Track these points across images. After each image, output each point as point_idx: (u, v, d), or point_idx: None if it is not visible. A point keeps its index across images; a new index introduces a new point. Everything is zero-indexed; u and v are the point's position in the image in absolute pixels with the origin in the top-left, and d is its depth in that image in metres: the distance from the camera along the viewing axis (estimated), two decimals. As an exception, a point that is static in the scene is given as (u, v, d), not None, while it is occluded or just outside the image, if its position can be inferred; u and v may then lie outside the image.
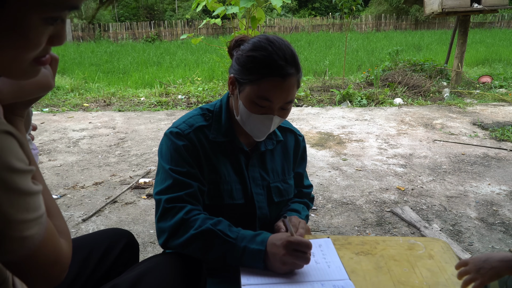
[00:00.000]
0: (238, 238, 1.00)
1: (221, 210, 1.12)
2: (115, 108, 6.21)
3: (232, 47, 1.12)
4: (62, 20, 0.59)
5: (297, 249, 0.95)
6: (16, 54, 0.57)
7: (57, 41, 0.61)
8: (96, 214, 2.72)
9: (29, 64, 0.60)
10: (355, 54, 11.29)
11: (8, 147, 0.57)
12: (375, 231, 2.48)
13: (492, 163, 3.59)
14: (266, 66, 1.00)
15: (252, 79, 1.02)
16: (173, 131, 1.11)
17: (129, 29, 16.79)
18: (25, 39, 0.56)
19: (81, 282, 1.03)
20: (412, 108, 5.87)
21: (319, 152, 3.98)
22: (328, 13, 20.38)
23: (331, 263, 1.00)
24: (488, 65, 9.59)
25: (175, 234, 1.02)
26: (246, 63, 1.03)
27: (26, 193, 0.60)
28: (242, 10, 4.51)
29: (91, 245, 1.10)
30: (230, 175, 1.14)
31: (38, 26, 0.55)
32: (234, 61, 1.08)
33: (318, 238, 1.11)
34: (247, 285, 0.92)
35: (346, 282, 0.93)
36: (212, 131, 1.13)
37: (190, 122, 1.13)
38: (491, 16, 18.08)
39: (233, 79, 1.08)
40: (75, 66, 10.02)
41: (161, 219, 1.05)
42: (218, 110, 1.16)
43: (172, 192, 1.05)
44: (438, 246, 1.09)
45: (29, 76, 0.63)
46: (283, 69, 1.00)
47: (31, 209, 0.61)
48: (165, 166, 1.09)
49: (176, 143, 1.09)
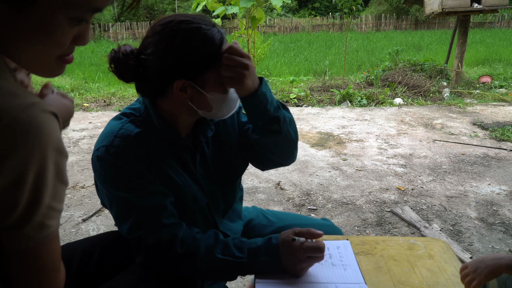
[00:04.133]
0: (249, 256, 0.95)
1: (186, 216, 1.03)
2: (115, 108, 6.21)
3: (127, 65, 0.89)
4: (86, 21, 0.62)
5: (311, 255, 0.94)
6: (43, 51, 0.61)
7: (81, 41, 0.65)
8: (96, 214, 2.72)
9: (54, 61, 0.64)
10: (355, 54, 11.29)
11: (56, 129, 0.60)
12: (375, 231, 2.48)
13: (492, 163, 3.59)
14: (211, 42, 0.89)
15: (207, 64, 0.90)
16: (110, 151, 0.92)
17: (129, 29, 16.81)
18: (52, 37, 0.59)
19: (84, 278, 1.03)
20: (412, 108, 5.87)
21: (319, 152, 3.98)
22: (328, 13, 20.38)
23: (348, 266, 0.99)
24: (488, 65, 9.59)
25: (177, 268, 0.95)
26: (188, 57, 0.88)
27: (63, 180, 0.63)
28: (242, 10, 4.51)
29: (99, 243, 1.09)
30: (186, 179, 1.02)
31: (64, 25, 0.59)
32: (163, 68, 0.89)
33: (337, 240, 1.10)
34: (261, 283, 0.92)
35: (361, 286, 0.93)
36: (149, 137, 0.97)
37: (123, 134, 0.94)
38: (491, 16, 18.08)
39: (182, 83, 0.90)
40: (75, 66, 10.02)
41: (151, 259, 0.93)
42: (145, 114, 0.99)
43: (148, 224, 0.92)
44: (438, 246, 1.09)
45: (55, 72, 0.66)
46: (220, 33, 0.92)
47: (58, 199, 0.63)
48: (122, 196, 0.92)
49: (121, 164, 0.92)
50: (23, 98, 0.57)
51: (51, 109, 0.60)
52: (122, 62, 0.89)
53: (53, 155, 0.58)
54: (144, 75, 0.91)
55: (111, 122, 1.00)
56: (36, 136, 0.55)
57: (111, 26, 16.76)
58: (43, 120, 0.57)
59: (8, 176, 0.54)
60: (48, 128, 0.57)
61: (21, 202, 0.56)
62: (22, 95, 0.57)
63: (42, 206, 0.59)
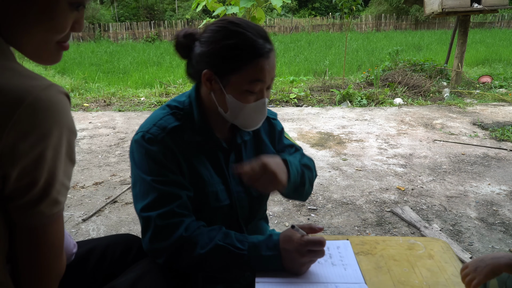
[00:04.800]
0: (250, 249, 0.95)
1: (206, 214, 1.04)
2: (115, 108, 6.21)
3: (184, 43, 1.01)
4: (83, 6, 0.66)
5: (311, 249, 0.94)
6: (46, 37, 0.64)
7: (78, 27, 0.68)
8: (96, 214, 2.72)
9: (54, 47, 0.67)
10: (355, 54, 11.29)
11: (69, 108, 0.64)
12: (375, 231, 2.48)
13: (492, 163, 3.59)
14: (248, 49, 0.94)
15: (236, 67, 0.95)
16: (145, 136, 0.99)
17: (129, 29, 16.80)
18: (55, 22, 0.63)
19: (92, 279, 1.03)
20: (412, 108, 5.87)
21: (319, 152, 3.98)
22: (328, 13, 20.39)
23: (348, 266, 0.99)
24: (488, 65, 9.59)
25: (177, 254, 0.95)
26: (224, 53, 0.94)
27: (71, 158, 0.66)
28: (242, 10, 4.51)
29: (108, 245, 1.09)
30: (213, 176, 1.05)
31: (65, 10, 0.63)
32: (202, 56, 0.97)
33: (337, 240, 1.10)
34: (261, 283, 0.92)
35: (361, 286, 0.92)
36: (187, 131, 1.02)
37: (161, 124, 1.01)
38: (491, 16, 18.08)
39: (209, 75, 0.97)
40: (75, 66, 10.03)
41: (155, 239, 0.95)
42: (188, 108, 1.05)
43: (161, 207, 0.95)
44: (438, 246, 1.09)
45: (54, 59, 0.69)
46: (264, 47, 0.95)
47: (68, 176, 0.66)
48: (145, 178, 0.97)
49: (151, 150, 0.98)
50: (40, 80, 0.60)
51: (65, 91, 0.64)
52: (182, 37, 1.00)
53: (66, 132, 0.62)
54: (190, 56, 1.01)
55: (156, 111, 1.07)
56: (54, 114, 0.59)
57: (111, 26, 16.75)
58: (60, 100, 0.61)
59: (31, 153, 0.57)
60: (64, 107, 0.61)
61: (41, 179, 0.59)
62: (39, 77, 0.61)
63: (57, 183, 0.62)
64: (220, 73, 0.97)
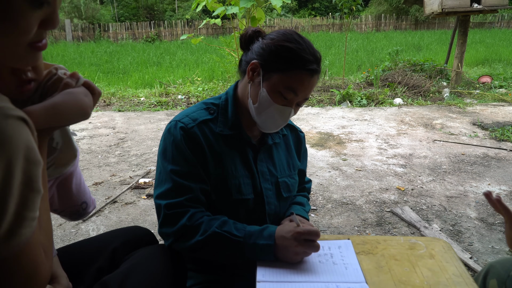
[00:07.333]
0: (246, 236, 1.00)
1: (229, 206, 1.10)
2: (115, 108, 6.21)
3: (248, 38, 1.10)
4: (48, 3, 0.60)
5: (307, 238, 0.97)
6: (8, 41, 0.58)
7: (50, 24, 0.62)
8: (96, 214, 2.71)
9: (24, 49, 0.61)
10: (355, 54, 11.29)
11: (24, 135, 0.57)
12: (375, 231, 2.48)
13: (492, 163, 3.59)
14: (300, 58, 1.01)
15: (283, 68, 1.02)
16: (177, 125, 1.07)
17: (129, 29, 16.79)
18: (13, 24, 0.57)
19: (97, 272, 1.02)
20: (412, 108, 5.87)
21: (319, 152, 3.98)
22: (328, 13, 20.39)
23: (349, 265, 0.99)
24: (488, 65, 9.60)
25: (180, 239, 1.02)
26: (279, 51, 1.02)
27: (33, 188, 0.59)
28: (242, 10, 4.51)
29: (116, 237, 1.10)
30: (238, 169, 1.11)
31: (24, 10, 0.57)
32: (259, 48, 1.05)
33: (338, 240, 1.10)
34: (262, 282, 0.92)
35: (362, 285, 0.92)
36: (219, 124, 1.10)
37: (194, 116, 1.09)
38: (491, 16, 18.09)
39: (256, 65, 1.05)
40: (75, 66, 10.03)
41: (164, 225, 1.04)
42: (224, 103, 1.13)
43: (172, 197, 1.03)
44: (439, 246, 1.09)
45: (28, 61, 0.64)
46: (313, 66, 1.02)
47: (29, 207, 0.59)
48: (166, 167, 1.05)
49: (178, 139, 1.05)
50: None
51: (17, 114, 0.57)
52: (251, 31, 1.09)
53: (20, 163, 0.55)
54: (249, 48, 1.09)
55: (194, 106, 1.15)
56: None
57: (111, 26, 16.75)
58: (7, 126, 0.54)
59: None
60: (13, 135, 0.54)
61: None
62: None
63: (8, 214, 0.56)
64: (266, 68, 1.04)
